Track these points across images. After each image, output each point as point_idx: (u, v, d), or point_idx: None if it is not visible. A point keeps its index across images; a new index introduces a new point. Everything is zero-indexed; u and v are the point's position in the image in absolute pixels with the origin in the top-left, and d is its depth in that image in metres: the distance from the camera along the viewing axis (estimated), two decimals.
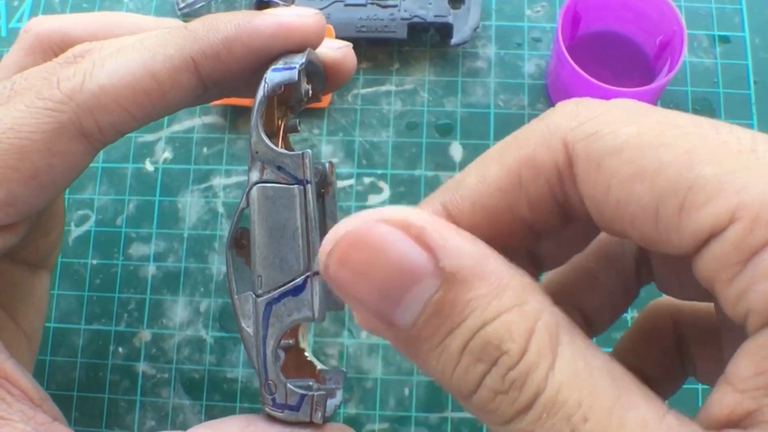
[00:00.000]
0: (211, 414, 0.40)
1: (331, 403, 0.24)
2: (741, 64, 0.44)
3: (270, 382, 0.24)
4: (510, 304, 0.15)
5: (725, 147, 0.14)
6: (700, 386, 0.38)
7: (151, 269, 0.42)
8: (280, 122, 0.26)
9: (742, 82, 0.43)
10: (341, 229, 0.16)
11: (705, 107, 0.43)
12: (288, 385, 0.24)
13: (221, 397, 0.40)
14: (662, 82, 0.38)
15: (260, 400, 0.24)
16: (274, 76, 0.24)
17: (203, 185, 0.44)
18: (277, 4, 0.45)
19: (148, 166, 0.44)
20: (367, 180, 0.43)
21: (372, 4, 0.44)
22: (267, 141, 0.24)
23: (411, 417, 0.39)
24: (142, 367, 0.41)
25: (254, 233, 0.24)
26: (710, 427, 0.14)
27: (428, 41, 0.46)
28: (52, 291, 0.42)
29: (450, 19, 0.44)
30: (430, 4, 0.44)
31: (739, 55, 0.44)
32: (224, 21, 0.25)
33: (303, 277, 0.23)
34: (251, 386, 0.40)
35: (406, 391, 0.39)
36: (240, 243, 0.25)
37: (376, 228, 0.15)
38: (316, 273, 0.23)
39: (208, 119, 0.45)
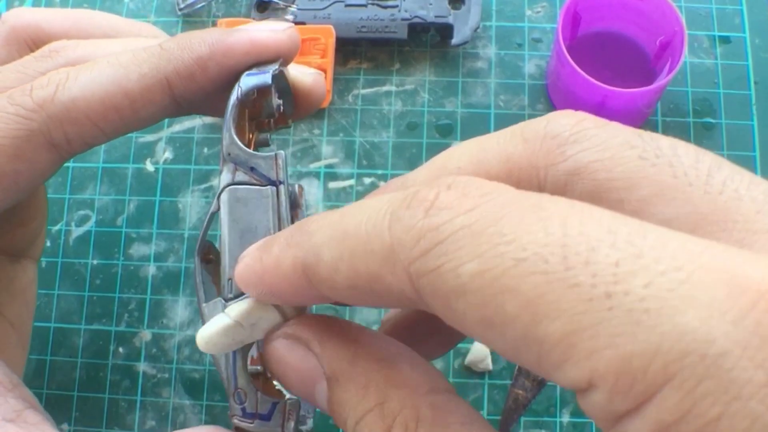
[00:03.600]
0: (212, 414, 0.40)
1: (304, 429, 0.24)
2: (741, 65, 0.44)
3: (239, 390, 0.23)
4: (371, 404, 0.16)
5: (573, 294, 0.12)
6: None
7: (151, 269, 0.42)
8: (251, 136, 0.25)
9: (743, 83, 0.43)
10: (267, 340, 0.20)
11: (705, 108, 0.43)
12: (259, 392, 0.23)
13: (221, 397, 0.40)
14: (662, 82, 0.38)
15: (228, 413, 0.23)
16: (247, 80, 0.24)
17: (204, 185, 0.44)
18: (277, 4, 0.45)
19: (149, 167, 0.44)
20: (367, 180, 0.43)
21: (372, 4, 0.44)
22: (239, 143, 0.23)
23: None
24: (142, 367, 0.41)
25: (224, 236, 0.23)
26: None
27: (429, 41, 0.46)
28: (52, 291, 0.42)
29: (450, 20, 0.44)
30: (430, 4, 0.44)
31: (739, 56, 0.44)
32: (198, 40, 0.25)
33: None
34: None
35: None
36: (207, 258, 0.25)
37: (279, 344, 0.19)
38: None
39: (209, 119, 0.45)
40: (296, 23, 0.44)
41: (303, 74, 0.27)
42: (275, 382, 0.24)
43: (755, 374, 0.11)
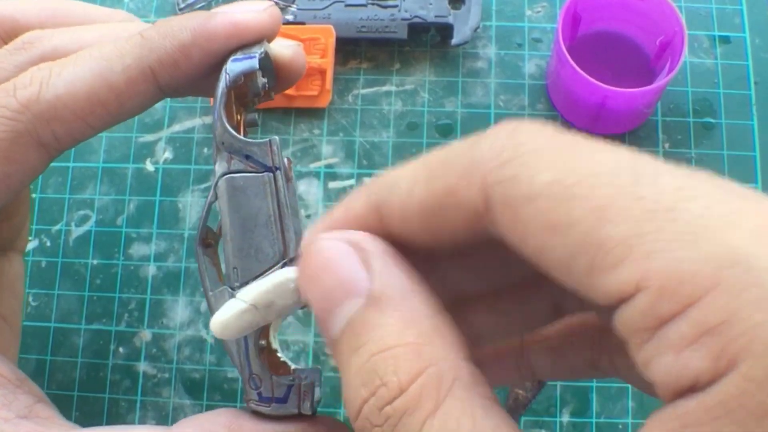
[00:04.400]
0: None
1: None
2: (741, 65, 0.44)
3: (254, 375, 0.23)
4: (409, 340, 0.15)
5: (639, 204, 0.13)
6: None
7: (151, 269, 0.42)
8: (239, 117, 0.25)
9: (743, 83, 0.43)
10: (313, 237, 0.18)
11: (705, 108, 0.43)
12: (273, 376, 0.23)
13: (222, 397, 0.40)
14: (662, 82, 0.38)
15: (244, 398, 0.24)
16: (234, 66, 0.24)
17: (204, 185, 0.44)
18: (277, 4, 0.45)
19: (149, 166, 0.44)
20: (367, 180, 0.43)
21: (372, 4, 0.44)
22: (232, 131, 0.23)
23: None
24: (142, 366, 0.41)
25: (225, 226, 0.23)
26: None
27: (429, 41, 0.46)
28: (52, 291, 0.42)
29: (450, 20, 0.44)
30: (430, 4, 0.44)
31: (739, 56, 0.44)
32: (179, 27, 0.24)
33: (280, 264, 0.23)
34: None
35: None
36: (207, 242, 0.25)
37: (333, 243, 0.17)
38: (293, 259, 0.23)
39: (209, 119, 0.45)
40: (296, 23, 0.44)
41: (283, 47, 0.26)
42: (280, 354, 0.24)
43: None
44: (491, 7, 0.46)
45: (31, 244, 0.43)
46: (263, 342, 0.25)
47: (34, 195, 0.44)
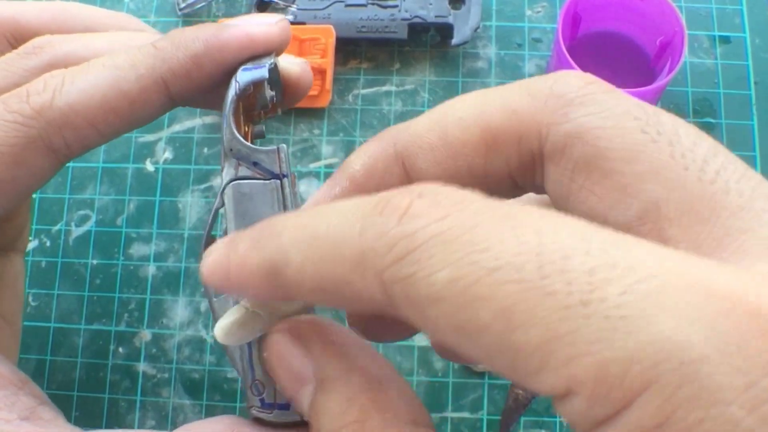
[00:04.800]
0: (212, 414, 0.40)
1: None
2: (741, 65, 0.44)
3: (257, 381, 0.23)
4: (351, 419, 0.16)
5: (550, 302, 0.12)
6: None
7: (151, 269, 0.42)
8: (247, 128, 0.26)
9: (743, 83, 0.43)
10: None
11: (705, 108, 0.43)
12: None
13: (221, 397, 0.40)
14: (662, 82, 0.38)
15: (246, 404, 0.24)
16: (244, 75, 0.24)
17: (203, 185, 0.44)
18: (277, 4, 0.45)
19: (149, 166, 0.44)
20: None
21: (372, 4, 0.44)
22: (241, 138, 0.24)
23: None
24: (142, 367, 0.41)
25: (231, 232, 0.23)
26: None
27: (429, 41, 0.46)
28: (52, 291, 0.42)
29: (450, 20, 0.44)
30: (430, 4, 0.44)
31: (739, 56, 0.44)
32: (192, 38, 0.24)
33: None
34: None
35: None
36: None
37: (278, 339, 0.19)
38: None
39: (209, 119, 0.45)
40: (296, 23, 0.44)
41: (291, 64, 0.27)
42: None
43: (735, 379, 0.11)
44: (491, 7, 0.46)
45: (31, 244, 0.43)
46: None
47: (34, 195, 0.44)
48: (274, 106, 0.26)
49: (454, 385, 0.39)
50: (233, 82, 0.24)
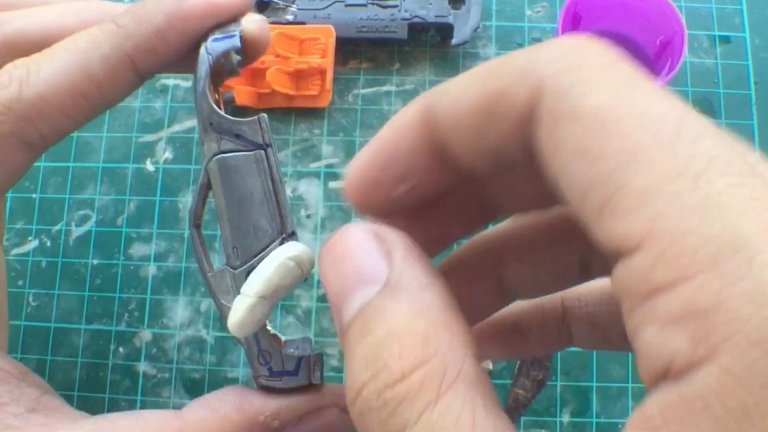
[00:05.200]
0: None
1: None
2: (741, 65, 0.44)
3: (264, 351, 0.23)
4: (418, 329, 0.15)
5: (670, 162, 0.13)
6: None
7: (151, 269, 0.42)
8: (217, 96, 0.25)
9: (743, 83, 0.43)
10: (338, 231, 0.18)
11: (705, 107, 0.43)
12: (283, 350, 0.23)
13: None
14: (662, 82, 0.38)
15: (252, 375, 0.24)
16: (216, 45, 0.24)
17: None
18: (277, 4, 0.45)
19: (149, 166, 0.44)
20: None
21: (372, 4, 0.44)
22: (221, 112, 0.23)
23: None
24: (142, 366, 0.41)
25: (221, 206, 0.23)
26: None
27: (429, 41, 0.46)
28: (52, 291, 0.42)
29: (450, 20, 0.44)
30: (430, 4, 0.44)
31: (739, 56, 0.44)
32: (153, 11, 0.24)
33: (279, 239, 0.23)
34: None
35: None
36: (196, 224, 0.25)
37: (357, 233, 0.17)
38: (293, 233, 0.23)
39: None
40: (296, 23, 0.44)
41: (249, 23, 0.26)
42: (269, 327, 0.24)
43: None
44: (491, 6, 0.46)
45: (31, 244, 0.43)
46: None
47: (34, 195, 0.44)
48: (234, 70, 0.26)
49: None
50: (204, 54, 0.24)
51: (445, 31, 0.45)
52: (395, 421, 0.14)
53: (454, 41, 0.44)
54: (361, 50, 0.46)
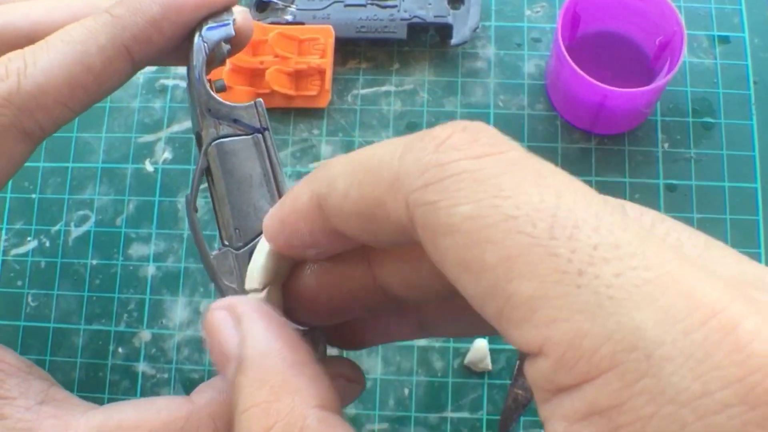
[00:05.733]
0: None
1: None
2: (741, 65, 0.44)
3: None
4: (261, 399, 0.17)
5: (550, 262, 0.13)
6: None
7: (150, 269, 0.42)
8: (210, 86, 0.26)
9: (742, 83, 0.43)
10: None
11: (705, 107, 0.43)
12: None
13: None
14: (662, 82, 0.38)
15: None
16: (211, 34, 0.25)
17: (203, 185, 0.43)
18: (276, 4, 0.45)
19: (148, 167, 0.44)
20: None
21: (372, 4, 0.44)
22: (218, 98, 0.24)
23: (411, 417, 0.39)
24: (141, 367, 0.41)
25: (221, 190, 0.24)
26: None
27: (428, 41, 0.46)
28: (51, 291, 0.42)
29: (450, 20, 0.44)
30: (429, 4, 0.44)
31: (738, 56, 0.44)
32: (148, 2, 0.25)
33: None
34: None
35: (406, 391, 0.39)
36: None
37: (214, 310, 0.19)
38: None
39: None
40: (295, 23, 0.44)
41: (236, 13, 0.27)
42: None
43: (692, 385, 0.12)
44: (490, 7, 0.46)
45: (31, 245, 0.43)
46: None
47: (33, 195, 0.44)
48: (224, 59, 0.27)
49: (453, 385, 0.39)
50: (199, 42, 0.25)
51: (444, 31, 0.45)
52: None
53: (453, 41, 0.44)
54: (360, 50, 0.46)
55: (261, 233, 0.23)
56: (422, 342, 0.40)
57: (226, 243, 0.24)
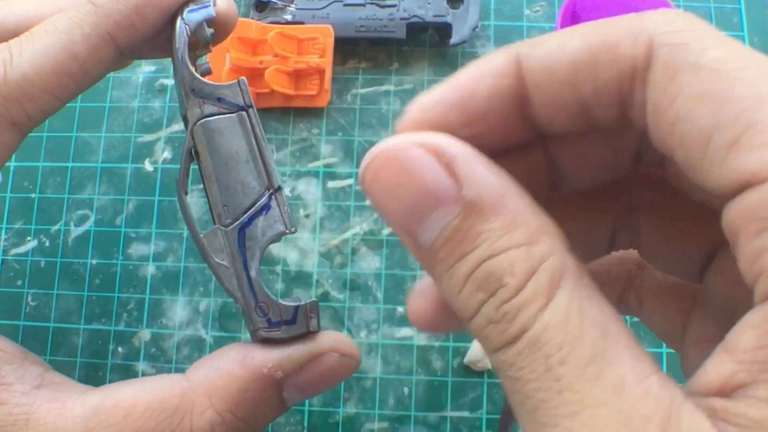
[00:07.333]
0: None
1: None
2: None
3: (261, 303, 0.24)
4: (519, 241, 0.15)
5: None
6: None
7: (150, 269, 0.42)
8: (194, 68, 0.27)
9: None
10: (379, 147, 0.17)
11: None
12: (280, 301, 0.24)
13: None
14: None
15: (251, 329, 0.25)
16: (192, 16, 0.25)
17: (202, 185, 0.44)
18: (276, 4, 0.45)
19: (148, 166, 0.44)
20: None
21: (371, 3, 0.44)
22: (201, 77, 0.25)
23: (410, 416, 0.39)
24: (141, 366, 0.41)
25: (208, 168, 0.25)
26: (701, 393, 0.14)
27: (427, 41, 0.46)
28: (51, 290, 0.42)
29: (449, 19, 0.44)
30: (429, 3, 0.44)
31: None
32: None
33: (267, 194, 0.24)
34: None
35: (405, 391, 0.39)
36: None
37: (410, 150, 0.16)
38: (279, 188, 0.25)
39: None
40: (295, 23, 0.44)
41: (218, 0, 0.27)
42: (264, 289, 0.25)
43: None
44: (490, 6, 0.46)
45: (31, 244, 0.43)
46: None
47: (33, 195, 0.44)
48: (208, 44, 0.27)
49: (453, 385, 0.39)
50: (180, 24, 0.25)
51: (443, 30, 0.45)
52: (514, 328, 0.15)
53: (452, 41, 0.44)
54: (359, 50, 0.46)
55: (250, 209, 0.24)
56: (422, 341, 0.40)
57: (217, 223, 0.25)
